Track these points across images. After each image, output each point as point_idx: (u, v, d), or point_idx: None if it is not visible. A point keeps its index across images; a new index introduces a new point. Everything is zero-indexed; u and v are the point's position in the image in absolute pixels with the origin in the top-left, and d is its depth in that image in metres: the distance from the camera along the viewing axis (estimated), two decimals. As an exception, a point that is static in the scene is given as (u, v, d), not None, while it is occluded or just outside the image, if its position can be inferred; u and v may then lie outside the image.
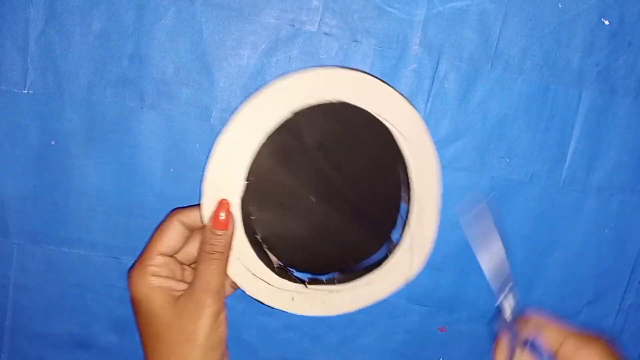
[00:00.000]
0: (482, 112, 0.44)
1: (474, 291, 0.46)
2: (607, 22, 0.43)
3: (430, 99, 0.43)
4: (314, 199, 0.41)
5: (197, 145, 0.43)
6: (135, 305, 0.37)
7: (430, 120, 0.43)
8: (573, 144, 0.45)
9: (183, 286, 0.37)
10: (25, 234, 0.44)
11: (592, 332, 0.37)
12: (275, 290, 0.41)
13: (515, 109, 0.44)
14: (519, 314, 0.38)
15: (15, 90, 0.41)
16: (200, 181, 0.43)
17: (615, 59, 0.44)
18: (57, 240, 0.44)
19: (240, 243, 0.39)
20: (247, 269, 0.40)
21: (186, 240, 0.39)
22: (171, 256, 0.38)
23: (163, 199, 0.44)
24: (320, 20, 0.42)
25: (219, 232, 0.37)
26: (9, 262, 0.44)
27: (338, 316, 0.43)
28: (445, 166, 0.44)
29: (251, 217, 0.40)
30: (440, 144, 0.44)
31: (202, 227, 0.38)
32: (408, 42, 0.42)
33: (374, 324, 0.47)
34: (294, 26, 0.42)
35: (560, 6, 0.42)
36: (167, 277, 0.37)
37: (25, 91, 0.42)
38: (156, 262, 0.37)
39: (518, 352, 0.37)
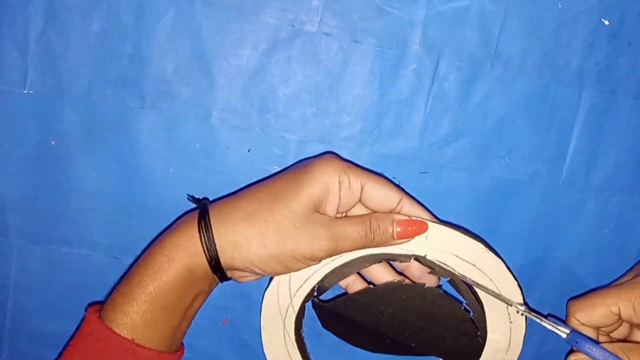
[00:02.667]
0: (482, 112, 0.44)
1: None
2: (607, 22, 0.43)
3: (430, 99, 0.43)
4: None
5: (197, 145, 0.43)
6: (305, 168, 0.37)
7: (430, 120, 0.43)
8: (573, 144, 0.45)
9: (332, 214, 0.37)
10: (25, 234, 0.44)
11: None
12: None
13: (515, 109, 0.44)
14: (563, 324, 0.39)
15: (15, 90, 0.41)
16: (200, 181, 0.43)
17: (615, 59, 0.44)
18: (57, 240, 0.44)
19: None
20: None
21: (378, 210, 0.38)
22: (360, 196, 0.38)
23: (163, 199, 0.44)
24: (320, 20, 0.42)
25: (393, 232, 0.37)
26: (9, 262, 0.44)
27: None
28: (445, 166, 0.44)
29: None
30: (440, 144, 0.44)
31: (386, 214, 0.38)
32: (408, 42, 0.42)
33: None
34: (294, 26, 0.42)
35: (560, 6, 0.42)
36: (340, 197, 0.36)
37: (25, 91, 0.42)
38: (353, 182, 0.37)
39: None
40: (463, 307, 0.41)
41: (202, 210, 0.37)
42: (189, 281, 0.36)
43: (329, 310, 0.41)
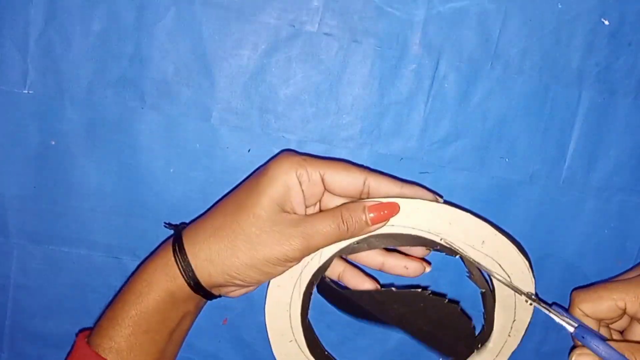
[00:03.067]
0: (482, 112, 0.44)
1: (474, 291, 0.46)
2: (607, 22, 0.43)
3: (430, 99, 0.43)
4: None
5: (197, 145, 0.43)
6: (262, 172, 0.37)
7: (430, 120, 0.43)
8: (573, 144, 0.45)
9: (300, 211, 0.36)
10: (25, 234, 0.44)
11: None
12: None
13: (515, 109, 0.44)
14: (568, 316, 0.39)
15: (15, 90, 0.41)
16: (200, 181, 0.43)
17: (615, 59, 0.44)
18: (57, 240, 0.44)
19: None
20: None
21: (346, 196, 0.38)
22: (323, 188, 0.37)
23: (163, 199, 0.44)
24: (320, 20, 0.42)
25: (367, 219, 0.36)
26: (9, 262, 0.44)
27: (338, 316, 0.43)
28: (445, 166, 0.44)
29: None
30: (440, 144, 0.44)
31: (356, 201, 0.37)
32: (408, 42, 0.42)
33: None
34: (294, 26, 0.42)
35: (560, 6, 0.42)
36: (303, 192, 0.36)
37: (25, 91, 0.42)
38: (312, 175, 0.36)
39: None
40: (472, 326, 0.42)
41: (176, 234, 0.38)
42: (170, 304, 0.37)
43: (338, 294, 0.41)
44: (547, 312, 0.39)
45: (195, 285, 0.36)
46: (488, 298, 0.41)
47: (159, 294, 0.36)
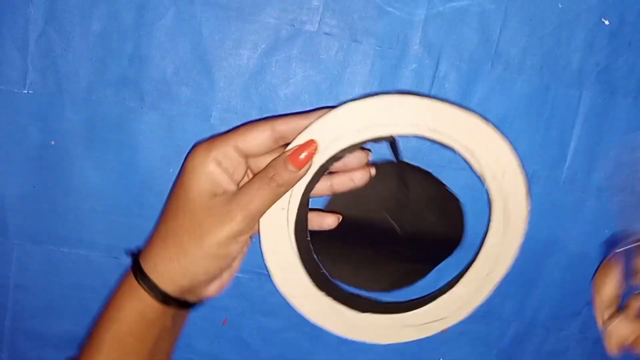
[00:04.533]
0: (482, 112, 0.43)
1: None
2: (607, 22, 0.43)
3: (430, 99, 0.43)
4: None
5: (197, 145, 0.43)
6: (180, 173, 0.37)
7: (430, 120, 0.43)
8: (573, 144, 0.45)
9: (229, 184, 0.36)
10: (25, 234, 0.44)
11: None
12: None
13: (515, 109, 0.44)
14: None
15: (15, 90, 0.41)
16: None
17: (615, 59, 0.44)
18: (57, 240, 0.44)
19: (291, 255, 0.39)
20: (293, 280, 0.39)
21: (267, 152, 0.37)
22: (244, 157, 0.37)
23: (163, 199, 0.43)
24: (320, 20, 0.42)
25: (291, 168, 0.35)
26: (9, 262, 0.44)
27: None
28: (445, 166, 0.44)
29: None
30: (441, 144, 0.44)
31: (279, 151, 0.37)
32: (408, 42, 0.42)
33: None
34: (294, 26, 0.42)
35: (560, 6, 0.42)
36: (225, 171, 0.36)
37: (25, 91, 0.42)
38: (226, 151, 0.36)
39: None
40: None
41: (133, 259, 0.38)
42: (144, 325, 0.37)
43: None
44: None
45: (164, 298, 0.36)
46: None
47: (130, 317, 0.37)
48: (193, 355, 0.46)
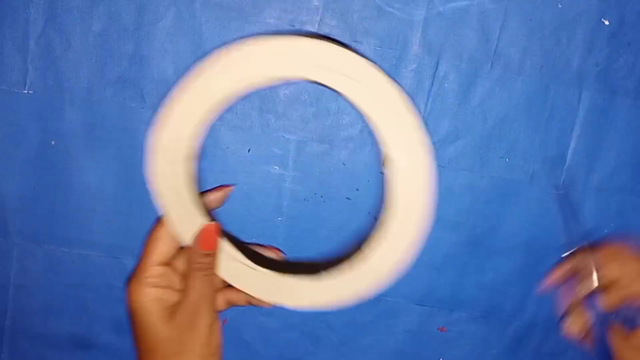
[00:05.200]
0: (482, 112, 0.44)
1: (474, 291, 0.46)
2: (607, 22, 0.43)
3: (430, 99, 0.43)
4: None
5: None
6: (132, 317, 0.37)
7: (430, 120, 0.43)
8: (573, 144, 0.45)
9: (175, 296, 0.37)
10: (25, 234, 0.44)
11: None
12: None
13: (515, 109, 0.44)
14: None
15: (15, 90, 0.41)
16: (200, 181, 0.43)
17: (615, 59, 0.44)
18: (57, 240, 0.44)
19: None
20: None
21: (180, 247, 0.38)
22: (168, 264, 0.38)
23: (163, 199, 0.43)
24: (320, 20, 0.42)
25: (207, 252, 0.37)
26: (9, 262, 0.44)
27: (338, 316, 0.43)
28: (445, 166, 0.44)
29: None
30: (440, 144, 0.44)
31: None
32: (408, 42, 0.42)
33: (373, 324, 0.47)
34: (294, 26, 0.42)
35: (560, 6, 0.42)
36: (165, 287, 0.37)
37: (25, 91, 0.42)
38: (153, 272, 0.37)
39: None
40: None
41: None
42: None
43: None
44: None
45: None
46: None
47: None
48: (193, 355, 0.46)
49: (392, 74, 0.43)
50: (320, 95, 0.43)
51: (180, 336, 0.36)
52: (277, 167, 0.44)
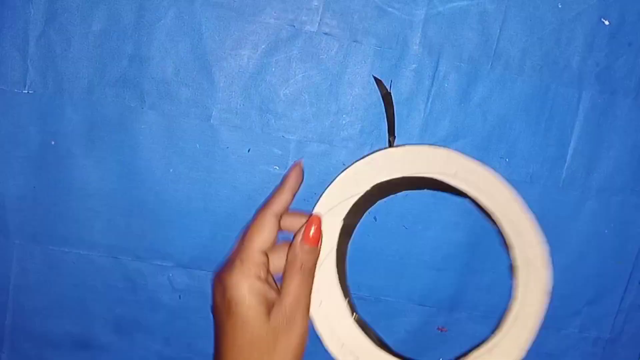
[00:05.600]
0: (482, 112, 0.44)
1: (474, 291, 0.46)
2: (607, 22, 0.43)
3: (430, 99, 0.43)
4: None
5: (197, 145, 0.43)
6: (229, 306, 0.35)
7: (430, 120, 0.43)
8: (573, 144, 0.45)
9: (273, 293, 0.36)
10: (25, 234, 0.44)
11: None
12: None
13: (515, 109, 0.44)
14: None
15: (15, 90, 0.41)
16: (200, 181, 0.43)
17: (615, 59, 0.44)
18: (57, 240, 0.44)
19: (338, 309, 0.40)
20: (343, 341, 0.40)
21: (277, 233, 0.38)
22: (265, 255, 0.37)
23: (163, 199, 0.44)
24: (320, 20, 0.42)
25: (307, 248, 0.36)
26: (9, 262, 0.44)
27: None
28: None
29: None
30: (440, 144, 0.44)
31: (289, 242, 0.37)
32: (408, 42, 0.42)
33: (374, 324, 0.47)
34: (294, 26, 0.42)
35: (560, 6, 0.42)
36: (265, 282, 0.36)
37: (25, 91, 0.42)
38: (256, 260, 0.36)
39: None
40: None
41: None
42: None
43: None
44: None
45: None
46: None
47: None
48: (193, 355, 0.46)
49: (392, 74, 0.43)
50: (320, 95, 0.43)
51: (275, 339, 0.35)
52: (277, 167, 0.44)
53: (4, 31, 0.41)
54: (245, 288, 0.35)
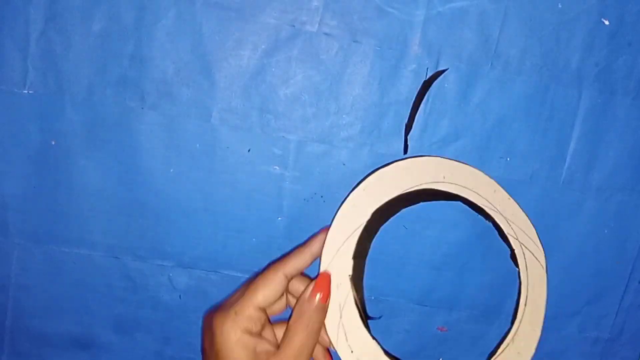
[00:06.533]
0: (482, 112, 0.44)
1: (474, 291, 0.46)
2: (607, 22, 0.43)
3: (430, 99, 0.43)
4: None
5: (197, 145, 0.43)
6: (217, 356, 0.35)
7: (430, 120, 0.43)
8: (572, 144, 0.45)
9: (265, 345, 0.35)
10: (25, 234, 0.44)
11: None
12: None
13: (515, 109, 0.44)
14: None
15: (15, 90, 0.41)
16: (200, 181, 0.44)
17: (615, 59, 0.44)
18: (57, 240, 0.44)
19: (353, 321, 0.39)
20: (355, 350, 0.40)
21: (282, 294, 0.37)
22: (264, 311, 0.36)
23: (163, 199, 0.44)
24: (320, 20, 0.42)
25: (316, 305, 0.36)
26: (9, 262, 0.44)
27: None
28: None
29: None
30: (440, 144, 0.44)
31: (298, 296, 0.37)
32: (408, 42, 0.42)
33: (373, 324, 0.47)
34: (294, 26, 0.42)
35: (560, 6, 0.43)
36: (256, 335, 0.35)
37: (25, 91, 0.42)
38: (251, 315, 0.35)
39: None
40: None
41: None
42: None
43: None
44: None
45: None
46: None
47: None
48: (193, 355, 0.46)
49: (392, 74, 0.43)
50: (320, 95, 0.43)
51: None
52: (277, 167, 0.44)
53: (4, 31, 0.41)
54: (234, 340, 0.35)
